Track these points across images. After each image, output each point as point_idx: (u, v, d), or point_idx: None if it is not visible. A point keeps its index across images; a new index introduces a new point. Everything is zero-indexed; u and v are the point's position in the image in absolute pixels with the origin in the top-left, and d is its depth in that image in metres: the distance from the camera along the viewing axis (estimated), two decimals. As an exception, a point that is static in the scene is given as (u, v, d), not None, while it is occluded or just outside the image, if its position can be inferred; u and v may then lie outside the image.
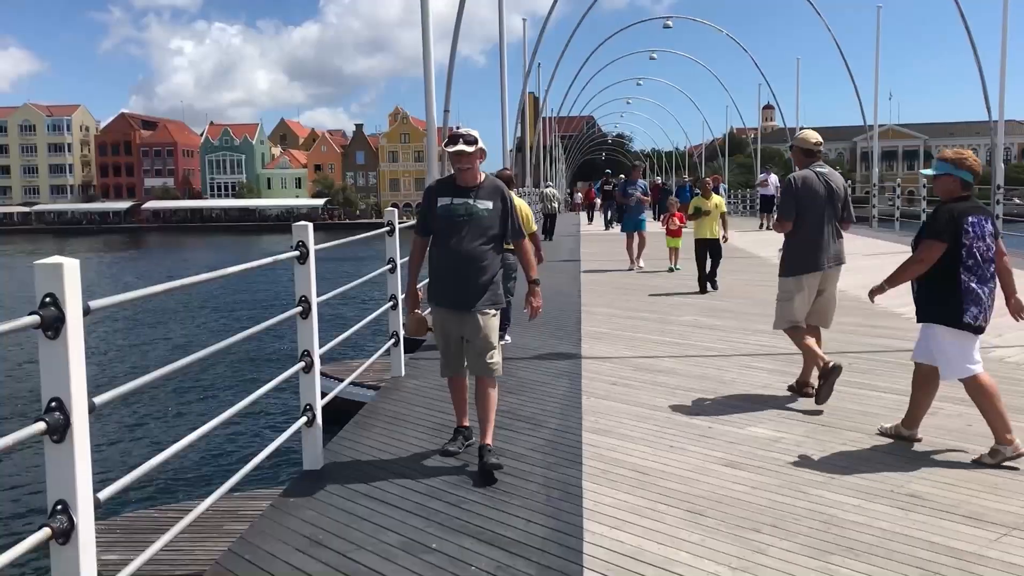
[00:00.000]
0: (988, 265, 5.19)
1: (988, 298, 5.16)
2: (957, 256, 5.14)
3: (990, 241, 5.20)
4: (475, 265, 5.04)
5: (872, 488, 4.60)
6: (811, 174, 6.66)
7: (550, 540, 4.05)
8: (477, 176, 5.12)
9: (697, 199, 13.38)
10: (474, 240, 5.04)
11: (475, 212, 5.06)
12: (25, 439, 2.64)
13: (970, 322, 5.13)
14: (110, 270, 52.78)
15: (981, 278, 5.14)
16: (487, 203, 5.09)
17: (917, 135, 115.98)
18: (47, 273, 2.72)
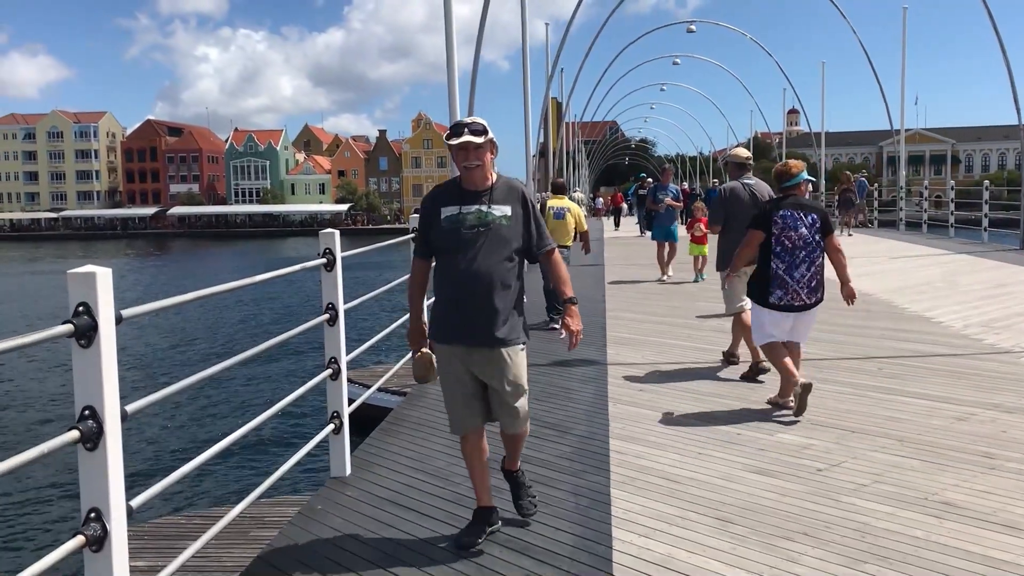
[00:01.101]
0: (800, 252, 6.24)
1: (796, 282, 6.25)
2: (769, 245, 6.28)
3: (806, 232, 6.24)
4: (496, 289, 4.01)
5: (905, 496, 4.54)
6: (738, 185, 7.87)
7: (579, 548, 4.02)
8: (489, 176, 4.11)
9: None
10: (492, 257, 4.01)
11: (491, 221, 4.03)
12: (59, 447, 2.66)
13: (775, 303, 6.31)
14: (137, 276, 53.25)
15: (790, 265, 6.25)
16: (504, 208, 4.06)
17: (944, 139, 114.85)
18: (80, 282, 2.74)
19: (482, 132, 4.05)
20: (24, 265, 67.33)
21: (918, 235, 25.59)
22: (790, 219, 6.27)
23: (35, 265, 66.15)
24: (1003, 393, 6.66)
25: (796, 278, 6.25)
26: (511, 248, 4.07)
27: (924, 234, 25.82)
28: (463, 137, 4.00)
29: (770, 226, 6.29)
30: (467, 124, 4.05)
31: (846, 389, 6.90)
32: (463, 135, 4.01)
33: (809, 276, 6.29)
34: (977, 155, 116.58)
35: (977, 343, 8.76)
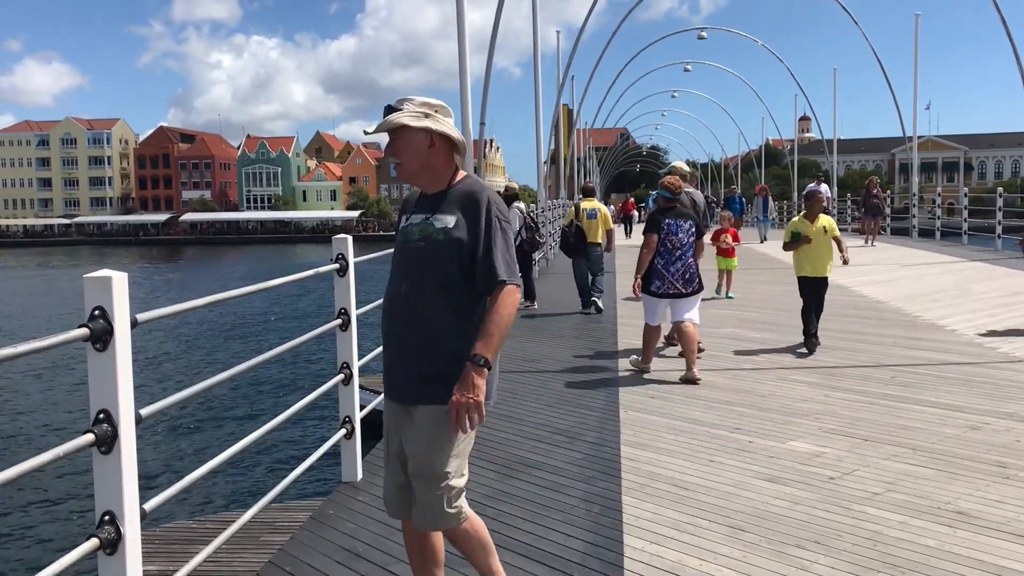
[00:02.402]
0: (677, 252, 7.79)
1: (672, 276, 7.78)
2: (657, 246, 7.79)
3: (683, 236, 7.81)
4: (418, 323, 3.04)
5: (917, 504, 4.53)
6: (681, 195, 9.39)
7: (590, 555, 4.02)
8: (439, 176, 3.12)
9: (796, 221, 9.11)
10: (423, 281, 3.05)
11: (430, 235, 3.06)
12: (74, 450, 2.68)
13: (655, 291, 7.84)
14: (150, 282, 53.48)
15: (668, 261, 7.78)
16: (447, 219, 3.04)
17: (957, 146, 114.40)
18: (96, 286, 2.76)
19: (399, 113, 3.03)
20: (36, 271, 67.71)
21: (931, 243, 25.49)
22: (673, 226, 7.84)
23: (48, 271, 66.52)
24: (1017, 402, 6.63)
25: (672, 272, 7.78)
26: (445, 270, 3.01)
27: (937, 241, 25.72)
28: (371, 129, 3.05)
29: (660, 230, 7.79)
30: (385, 108, 3.08)
31: (858, 397, 6.88)
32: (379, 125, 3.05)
33: (683, 271, 7.81)
34: (990, 162, 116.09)
35: (991, 351, 8.72)
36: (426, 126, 3.04)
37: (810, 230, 8.88)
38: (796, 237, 8.93)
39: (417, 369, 3.05)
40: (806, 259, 8.96)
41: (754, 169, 59.40)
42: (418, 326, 3.05)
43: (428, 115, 3.06)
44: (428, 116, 3.05)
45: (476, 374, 2.91)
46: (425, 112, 3.06)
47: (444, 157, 3.11)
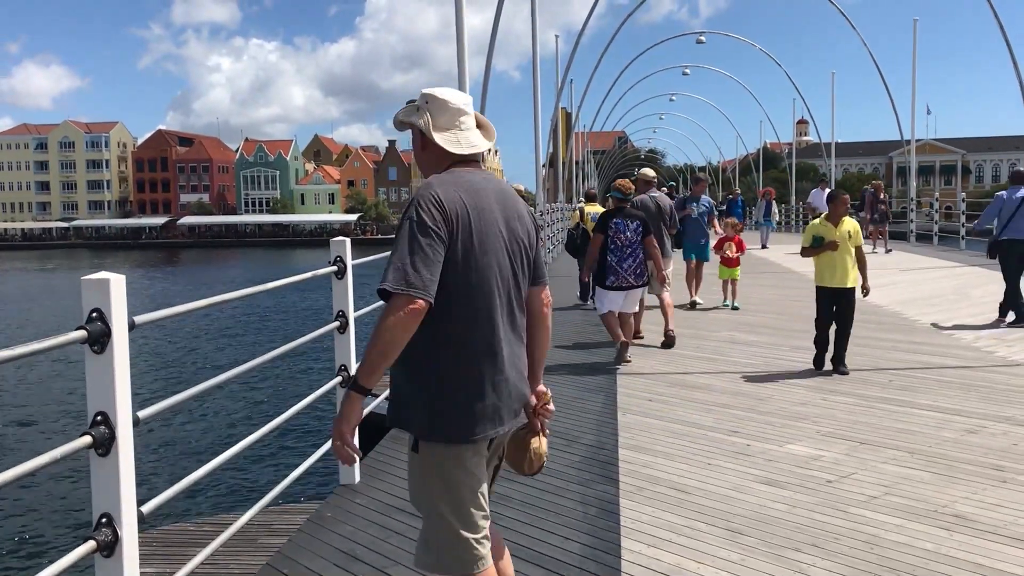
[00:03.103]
0: (627, 249, 8.60)
1: (624, 270, 8.62)
2: (607, 244, 8.59)
3: (631, 235, 8.63)
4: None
5: (914, 508, 4.53)
6: (646, 197, 10.61)
7: (587, 558, 4.02)
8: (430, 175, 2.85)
9: (818, 224, 8.14)
10: None
11: None
12: (71, 453, 2.68)
13: (609, 285, 8.67)
14: (148, 285, 53.45)
15: (620, 258, 8.60)
16: None
17: (955, 149, 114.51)
18: (94, 288, 2.76)
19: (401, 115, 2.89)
20: (35, 274, 67.67)
21: (929, 247, 25.49)
22: (620, 225, 8.66)
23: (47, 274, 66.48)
24: (1015, 406, 6.63)
25: (625, 268, 8.63)
26: None
27: (935, 246, 25.72)
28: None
29: (607, 230, 8.64)
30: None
31: (856, 401, 6.89)
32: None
33: (634, 266, 8.67)
34: (988, 165, 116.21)
35: (989, 355, 8.73)
36: (410, 122, 2.84)
37: (833, 234, 7.91)
38: (818, 242, 7.98)
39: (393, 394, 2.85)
40: (827, 267, 7.99)
41: (752, 172, 59.49)
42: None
43: (419, 107, 2.83)
44: (419, 109, 2.83)
45: (346, 399, 2.65)
46: (418, 105, 2.84)
47: (435, 153, 2.83)
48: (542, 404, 2.96)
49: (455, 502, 2.71)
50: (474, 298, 2.64)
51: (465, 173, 2.76)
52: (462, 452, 2.69)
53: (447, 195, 2.63)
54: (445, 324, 2.62)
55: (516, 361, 2.78)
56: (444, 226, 2.59)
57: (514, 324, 2.77)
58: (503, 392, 2.71)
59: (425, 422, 2.68)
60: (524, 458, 2.98)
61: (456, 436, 2.67)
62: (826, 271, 8.04)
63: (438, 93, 2.82)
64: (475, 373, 2.66)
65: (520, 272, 2.79)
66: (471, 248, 2.63)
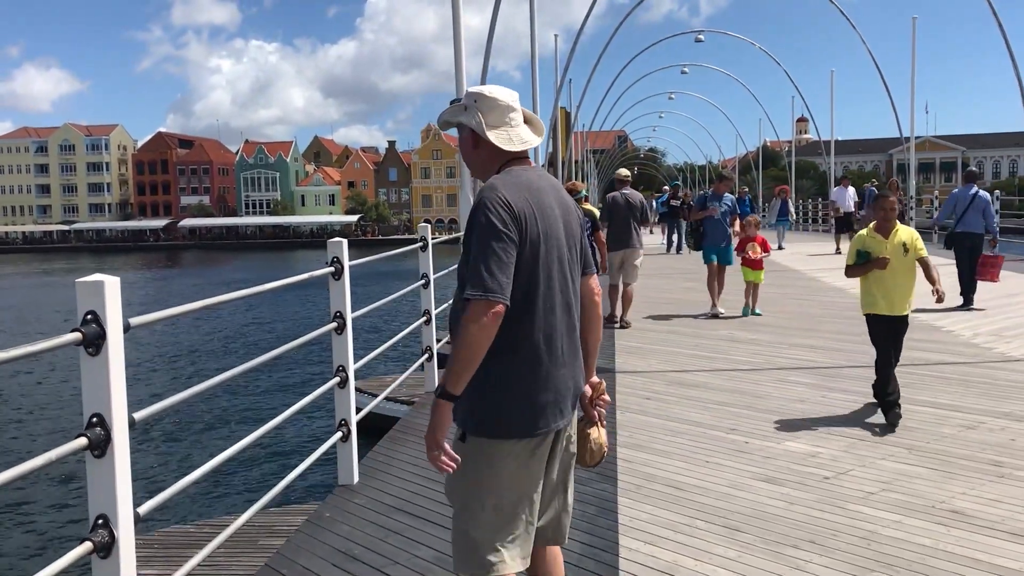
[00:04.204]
0: None
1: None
2: None
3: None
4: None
5: (912, 504, 4.53)
6: (618, 194, 11.30)
7: (585, 556, 4.02)
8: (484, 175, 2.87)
9: (864, 235, 6.37)
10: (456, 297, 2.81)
11: None
12: (67, 454, 2.68)
13: None
14: (148, 287, 53.47)
15: None
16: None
17: (954, 146, 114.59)
18: (88, 290, 2.76)
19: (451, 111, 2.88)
20: (36, 277, 67.73)
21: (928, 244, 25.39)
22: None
23: (48, 277, 66.53)
24: (1013, 401, 6.63)
25: None
26: (461, 285, 2.69)
27: (934, 243, 25.70)
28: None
29: None
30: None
31: (855, 398, 6.89)
32: None
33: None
34: (988, 162, 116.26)
35: (987, 352, 8.73)
36: (458, 121, 2.81)
37: (883, 248, 6.20)
38: (863, 258, 6.30)
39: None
40: (878, 289, 6.29)
41: (752, 171, 59.47)
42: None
43: (467, 107, 2.79)
44: (467, 108, 2.79)
45: (436, 409, 2.59)
46: (465, 104, 2.81)
47: (487, 152, 2.80)
48: (598, 395, 3.01)
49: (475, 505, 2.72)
50: (539, 296, 2.66)
51: (522, 172, 2.76)
52: (525, 447, 2.71)
53: (513, 196, 2.63)
54: (513, 323, 2.61)
55: (575, 354, 2.82)
56: (514, 227, 2.59)
57: (571, 317, 2.80)
58: (564, 385, 2.75)
59: (488, 417, 2.68)
60: (585, 449, 3.05)
61: (521, 431, 2.68)
62: (877, 294, 6.31)
63: (487, 91, 2.80)
64: (539, 368, 2.68)
65: (576, 265, 2.84)
66: (538, 247, 2.64)
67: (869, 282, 6.35)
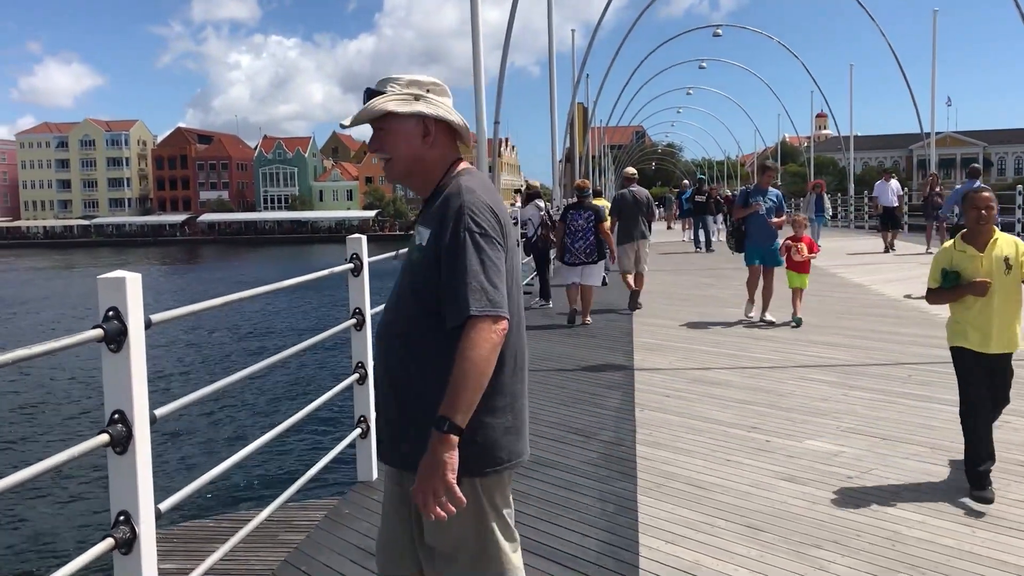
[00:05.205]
0: (579, 234, 10.79)
1: (577, 251, 10.84)
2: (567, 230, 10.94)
3: (583, 222, 10.79)
4: (396, 366, 2.48)
5: (936, 504, 4.48)
6: (626, 191, 12.48)
7: (605, 555, 4.00)
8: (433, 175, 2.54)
9: (950, 248, 4.90)
10: (399, 310, 2.50)
11: (410, 254, 2.52)
12: (89, 451, 2.69)
13: (567, 262, 10.97)
14: (168, 282, 53.80)
15: (573, 240, 10.84)
16: (424, 233, 2.46)
17: (976, 142, 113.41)
18: (110, 287, 2.77)
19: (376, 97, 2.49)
20: (58, 271, 68.29)
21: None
22: (574, 216, 10.88)
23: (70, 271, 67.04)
24: (1037, 400, 6.54)
25: (576, 248, 10.83)
26: (419, 299, 2.42)
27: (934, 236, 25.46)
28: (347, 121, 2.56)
29: (566, 219, 10.95)
30: (365, 93, 2.54)
31: (876, 396, 6.82)
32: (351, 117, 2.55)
33: (584, 247, 10.80)
34: (1010, 158, 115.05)
35: (1010, 349, 8.62)
36: (417, 110, 2.46)
37: (978, 266, 4.72)
38: (952, 280, 4.79)
39: (398, 424, 2.47)
40: (970, 317, 4.80)
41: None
42: (392, 370, 2.48)
43: (418, 96, 2.47)
44: (418, 98, 2.47)
45: (440, 445, 2.23)
46: (414, 94, 2.48)
47: (441, 148, 2.51)
48: None
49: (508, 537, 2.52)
50: (516, 310, 2.45)
51: (480, 173, 2.55)
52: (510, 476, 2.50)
53: (492, 200, 2.42)
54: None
55: None
56: (500, 233, 2.38)
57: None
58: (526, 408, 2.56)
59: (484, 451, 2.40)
60: None
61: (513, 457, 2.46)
62: (967, 323, 4.81)
63: (431, 79, 2.53)
64: (515, 389, 2.47)
65: None
66: (513, 256, 2.45)
67: (961, 309, 4.85)
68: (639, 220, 12.27)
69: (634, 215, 12.25)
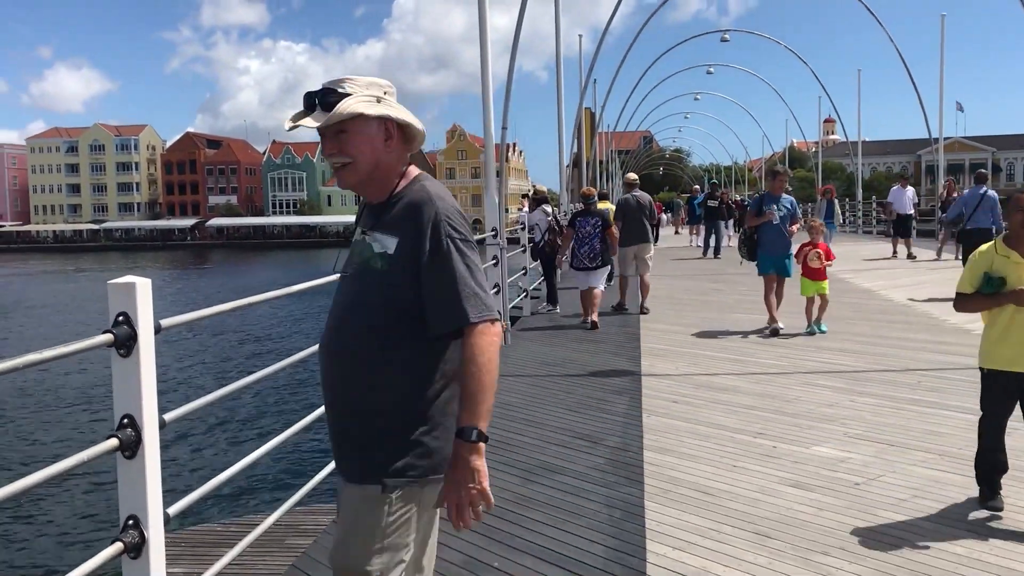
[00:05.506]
0: (586, 239, 11.14)
1: (583, 255, 11.16)
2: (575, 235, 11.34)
3: (590, 228, 11.13)
4: (356, 378, 2.37)
5: (945, 511, 4.47)
6: (629, 196, 12.93)
7: (612, 561, 4.00)
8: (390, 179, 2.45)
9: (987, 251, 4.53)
10: (356, 320, 2.39)
11: (366, 260, 2.42)
12: (98, 455, 2.70)
13: (574, 266, 11.42)
14: (177, 287, 53.93)
15: (579, 246, 11.20)
16: (386, 241, 2.37)
17: (984, 147, 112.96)
18: (120, 292, 2.78)
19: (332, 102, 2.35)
20: (68, 275, 68.53)
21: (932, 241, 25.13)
22: (582, 222, 11.27)
23: (79, 275, 67.27)
24: (1047, 407, 6.51)
25: (582, 253, 11.21)
26: (386, 310, 2.34)
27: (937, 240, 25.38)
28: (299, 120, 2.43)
29: (574, 225, 11.40)
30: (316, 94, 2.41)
31: (885, 402, 6.80)
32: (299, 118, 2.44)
33: (589, 252, 11.16)
34: (1019, 163, 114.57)
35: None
36: (384, 113, 2.37)
37: (1021, 273, 4.40)
38: (994, 285, 4.47)
39: (345, 435, 2.43)
40: (1007, 332, 4.52)
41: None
42: (348, 383, 2.38)
43: (379, 99, 2.39)
44: (380, 100, 2.39)
45: (472, 454, 2.25)
46: (376, 95, 2.39)
47: (398, 153, 2.44)
48: None
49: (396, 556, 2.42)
50: None
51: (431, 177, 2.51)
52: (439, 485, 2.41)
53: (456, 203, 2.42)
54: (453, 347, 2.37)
55: None
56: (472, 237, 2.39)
57: None
58: None
59: (418, 457, 2.36)
60: None
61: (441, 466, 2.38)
62: (1004, 341, 4.53)
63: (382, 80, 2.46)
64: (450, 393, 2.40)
65: None
66: None
67: (996, 321, 4.53)
68: (643, 224, 12.67)
69: (638, 219, 12.61)
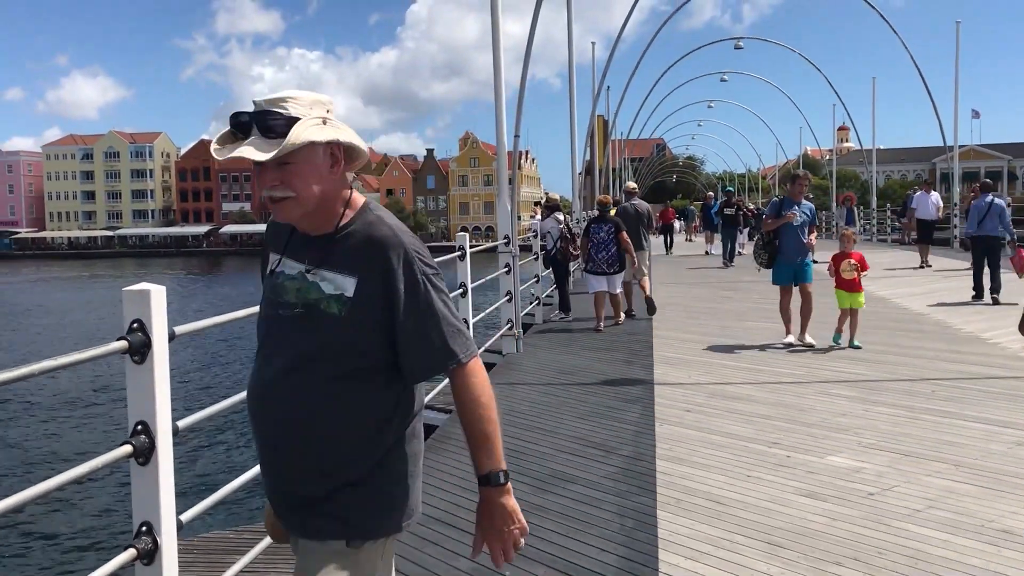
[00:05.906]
0: (601, 245, 11.80)
1: (600, 260, 11.80)
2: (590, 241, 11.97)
3: (604, 235, 11.80)
4: (311, 432, 2.10)
5: (960, 522, 4.43)
6: (628, 205, 13.75)
7: (624, 570, 3.99)
8: (335, 210, 2.18)
9: None
10: (309, 371, 2.10)
11: (313, 302, 2.12)
12: (112, 462, 2.71)
13: (591, 270, 11.94)
14: (190, 293, 54.15)
15: (596, 251, 11.85)
16: (342, 282, 2.10)
17: (1000, 155, 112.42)
18: (135, 299, 2.80)
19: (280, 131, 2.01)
20: (82, 282, 68.90)
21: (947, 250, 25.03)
22: (596, 229, 11.97)
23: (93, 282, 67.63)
24: (1063, 417, 6.47)
25: (598, 258, 11.83)
26: (348, 358, 2.09)
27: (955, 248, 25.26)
28: (235, 150, 2.06)
29: (589, 232, 12.07)
30: (252, 116, 2.06)
31: (899, 412, 6.76)
32: (234, 144, 2.09)
33: (606, 258, 11.81)
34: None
35: (1036, 365, 8.53)
36: (333, 137, 2.09)
37: None
38: None
39: (301, 491, 2.15)
40: None
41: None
42: (306, 439, 2.10)
43: (325, 120, 2.10)
44: (326, 121, 2.10)
45: (503, 497, 2.15)
46: (322, 116, 2.09)
47: (342, 177, 2.18)
48: None
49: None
50: None
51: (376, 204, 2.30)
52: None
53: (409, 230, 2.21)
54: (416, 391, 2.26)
55: None
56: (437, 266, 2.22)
57: None
58: None
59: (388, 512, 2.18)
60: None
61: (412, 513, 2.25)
62: None
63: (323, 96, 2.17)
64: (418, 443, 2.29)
65: None
66: None
67: None
68: (640, 231, 13.42)
69: (635, 227, 13.20)
